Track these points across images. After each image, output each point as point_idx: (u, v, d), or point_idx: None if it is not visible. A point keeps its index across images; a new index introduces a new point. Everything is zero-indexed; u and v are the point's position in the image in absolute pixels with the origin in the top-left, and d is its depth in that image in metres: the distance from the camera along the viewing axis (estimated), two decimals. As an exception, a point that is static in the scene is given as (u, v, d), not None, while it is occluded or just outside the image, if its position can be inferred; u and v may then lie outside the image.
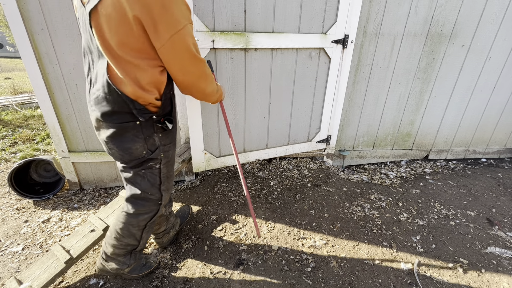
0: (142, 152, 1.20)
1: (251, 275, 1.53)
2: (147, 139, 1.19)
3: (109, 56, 1.02)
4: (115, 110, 1.09)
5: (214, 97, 1.36)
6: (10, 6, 1.76)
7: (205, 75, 1.19)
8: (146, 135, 1.18)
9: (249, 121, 2.30)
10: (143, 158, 1.22)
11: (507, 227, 1.96)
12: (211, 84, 1.26)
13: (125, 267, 1.45)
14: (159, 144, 1.24)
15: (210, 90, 1.28)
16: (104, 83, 1.07)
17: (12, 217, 2.12)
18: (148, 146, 1.20)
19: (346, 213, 2.03)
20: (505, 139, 3.02)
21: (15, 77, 8.13)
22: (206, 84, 1.22)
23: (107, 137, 1.16)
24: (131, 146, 1.17)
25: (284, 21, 2.03)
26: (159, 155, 1.26)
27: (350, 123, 2.66)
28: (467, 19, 2.35)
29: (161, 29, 0.96)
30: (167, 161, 1.31)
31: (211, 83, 1.27)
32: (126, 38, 0.97)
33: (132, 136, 1.15)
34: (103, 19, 0.96)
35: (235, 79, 2.10)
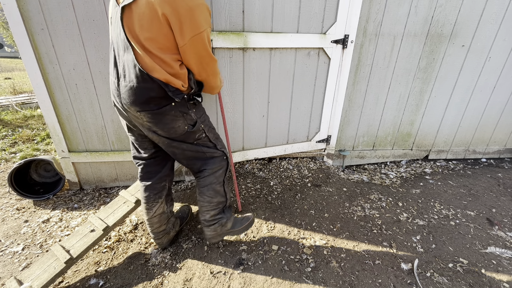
0: (185, 128, 1.37)
1: (251, 275, 1.53)
2: (185, 116, 1.35)
3: (138, 47, 1.16)
4: (151, 96, 1.22)
5: (217, 90, 1.55)
6: (10, 6, 1.76)
7: (216, 73, 1.39)
8: (183, 113, 1.34)
9: (248, 119, 2.30)
10: (188, 133, 1.39)
11: (507, 227, 1.96)
12: (218, 80, 1.46)
13: (225, 221, 1.61)
14: (196, 118, 1.40)
15: (217, 85, 1.48)
16: (137, 72, 1.18)
17: (12, 217, 2.12)
18: (187, 121, 1.37)
19: (346, 213, 2.03)
20: (505, 139, 3.02)
21: (15, 77, 8.13)
22: (215, 80, 1.42)
23: (149, 122, 1.29)
24: (173, 125, 1.33)
25: (283, 21, 2.04)
26: (200, 126, 1.43)
27: (350, 123, 2.66)
28: (467, 19, 2.35)
29: (185, 29, 1.11)
30: (208, 128, 1.51)
31: (218, 79, 1.45)
32: (156, 34, 1.12)
33: (171, 117, 1.30)
34: (136, 16, 1.11)
35: (234, 78, 2.10)
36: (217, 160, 1.55)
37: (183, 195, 2.23)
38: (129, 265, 1.63)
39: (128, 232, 1.90)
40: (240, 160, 2.45)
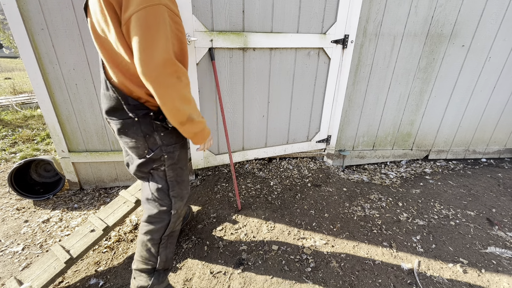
0: (144, 151, 1.14)
1: (251, 275, 1.53)
2: (147, 138, 1.12)
3: (99, 48, 1.03)
4: (114, 106, 1.08)
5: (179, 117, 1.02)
6: (10, 6, 1.77)
7: (174, 76, 0.95)
8: (146, 133, 1.11)
9: (248, 119, 2.30)
10: (147, 160, 1.15)
11: (507, 227, 1.96)
12: (184, 99, 1.00)
13: (148, 284, 1.28)
14: (160, 143, 1.14)
15: (175, 106, 0.98)
16: (103, 78, 1.08)
17: (12, 217, 2.12)
18: (148, 144, 1.13)
19: (346, 213, 2.03)
20: (505, 139, 3.02)
21: (15, 77, 8.13)
22: (174, 92, 0.97)
23: (117, 133, 1.14)
24: (134, 143, 1.13)
25: (283, 21, 2.04)
26: (161, 155, 1.15)
27: (350, 123, 2.66)
28: (467, 19, 2.35)
29: (131, 3, 0.89)
30: (172, 163, 1.19)
31: (185, 99, 1.01)
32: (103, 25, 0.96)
33: (133, 134, 1.11)
34: (93, 15, 1.00)
35: (234, 78, 2.10)
36: (158, 212, 1.23)
37: (183, 195, 2.23)
38: (129, 265, 1.63)
39: (128, 232, 1.90)
40: (240, 160, 2.45)
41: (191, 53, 1.87)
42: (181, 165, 1.24)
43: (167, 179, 1.21)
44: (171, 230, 1.30)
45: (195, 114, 1.06)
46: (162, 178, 1.20)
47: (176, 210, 1.26)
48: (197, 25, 1.82)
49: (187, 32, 1.80)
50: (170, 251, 1.34)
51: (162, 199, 1.22)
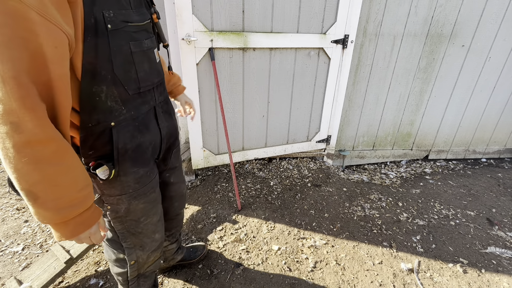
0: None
1: (251, 275, 1.53)
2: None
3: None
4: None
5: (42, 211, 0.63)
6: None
7: (5, 122, 0.54)
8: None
9: (248, 119, 2.30)
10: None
11: (507, 227, 1.96)
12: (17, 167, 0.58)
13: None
14: (100, 192, 0.88)
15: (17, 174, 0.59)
16: None
17: (12, 217, 2.12)
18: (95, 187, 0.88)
19: (346, 213, 2.03)
20: (505, 139, 3.02)
21: (15, 77, 8.12)
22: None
23: None
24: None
25: (283, 21, 2.04)
26: (101, 205, 0.90)
27: (350, 123, 2.66)
28: (467, 19, 2.35)
29: None
30: (117, 217, 0.92)
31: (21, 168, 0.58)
32: None
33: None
34: None
35: (234, 78, 2.10)
36: (118, 258, 1.04)
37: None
38: (129, 265, 1.63)
39: (128, 232, 1.90)
40: (240, 160, 2.45)
41: (191, 53, 1.87)
42: (134, 217, 0.95)
43: (115, 231, 0.97)
44: (136, 274, 1.09)
45: (44, 193, 0.62)
46: (111, 228, 0.98)
47: (135, 260, 1.04)
48: (197, 25, 1.82)
49: (187, 32, 1.80)
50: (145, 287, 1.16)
51: (115, 248, 1.02)
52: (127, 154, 0.85)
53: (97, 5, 0.68)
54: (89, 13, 0.66)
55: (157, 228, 1.06)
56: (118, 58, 0.76)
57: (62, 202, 0.65)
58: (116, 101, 0.79)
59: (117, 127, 0.80)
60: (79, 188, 0.68)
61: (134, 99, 0.84)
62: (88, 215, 0.72)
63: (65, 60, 0.62)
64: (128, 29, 0.77)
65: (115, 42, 0.74)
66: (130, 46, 0.78)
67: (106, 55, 0.72)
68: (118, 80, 0.77)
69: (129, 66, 0.79)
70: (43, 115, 0.58)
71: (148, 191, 0.96)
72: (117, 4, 0.74)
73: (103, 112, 0.77)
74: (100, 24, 0.69)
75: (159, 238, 1.09)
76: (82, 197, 0.69)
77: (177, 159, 1.20)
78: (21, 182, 0.60)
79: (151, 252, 1.07)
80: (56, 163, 0.62)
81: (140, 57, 0.83)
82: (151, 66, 0.89)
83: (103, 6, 0.69)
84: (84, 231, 0.72)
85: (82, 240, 0.75)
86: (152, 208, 1.01)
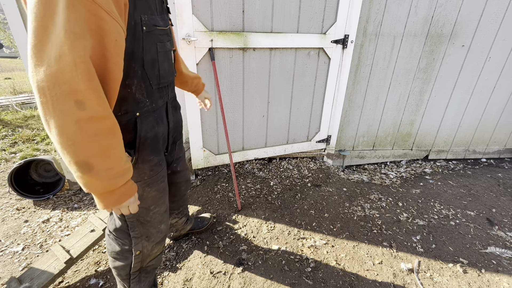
0: None
1: (251, 275, 1.53)
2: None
3: None
4: None
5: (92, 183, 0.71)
6: (10, 6, 1.76)
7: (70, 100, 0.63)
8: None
9: (248, 119, 2.30)
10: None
11: (507, 227, 1.96)
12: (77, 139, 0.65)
13: None
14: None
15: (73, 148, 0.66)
16: None
17: (12, 217, 2.12)
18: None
19: (346, 213, 2.03)
20: (505, 139, 3.02)
21: (15, 77, 8.13)
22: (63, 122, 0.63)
23: None
24: None
25: (283, 21, 2.04)
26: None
27: (350, 123, 2.66)
28: (467, 19, 2.35)
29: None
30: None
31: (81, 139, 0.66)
32: None
33: None
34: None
35: (234, 78, 2.10)
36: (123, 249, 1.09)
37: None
38: (129, 265, 1.63)
39: (128, 232, 1.90)
40: (240, 160, 2.45)
41: (191, 53, 1.87)
42: (145, 204, 1.03)
43: (125, 219, 1.03)
44: (139, 267, 1.13)
45: (99, 163, 0.70)
46: (119, 218, 1.04)
47: (140, 250, 1.08)
48: (197, 25, 1.82)
49: (187, 32, 1.80)
50: (145, 285, 1.19)
51: (122, 238, 1.07)
52: (147, 143, 0.94)
53: (137, 9, 0.80)
54: (131, 16, 0.78)
55: (163, 219, 1.13)
56: (148, 56, 0.87)
57: (112, 173, 0.73)
58: (143, 94, 0.90)
59: (141, 117, 0.91)
60: (124, 161, 0.77)
61: (155, 93, 0.95)
62: (130, 185, 0.81)
63: (121, 51, 0.73)
64: (156, 32, 0.89)
65: (147, 43, 0.86)
66: (157, 46, 0.90)
67: (140, 53, 0.84)
68: (146, 75, 0.89)
69: (154, 64, 0.91)
70: (103, 96, 0.69)
71: (159, 179, 1.05)
72: (149, 10, 0.86)
73: (131, 103, 0.87)
74: (138, 26, 0.81)
75: (164, 229, 1.15)
76: (127, 169, 0.78)
77: (181, 150, 1.35)
78: (79, 155, 0.67)
79: (156, 244, 1.13)
80: (110, 137, 0.72)
81: (162, 57, 0.95)
82: (169, 65, 1.01)
83: (141, 11, 0.81)
84: (126, 200, 0.80)
85: (122, 210, 0.84)
86: (161, 197, 1.09)
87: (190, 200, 2.15)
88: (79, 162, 0.67)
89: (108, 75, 0.71)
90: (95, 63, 0.67)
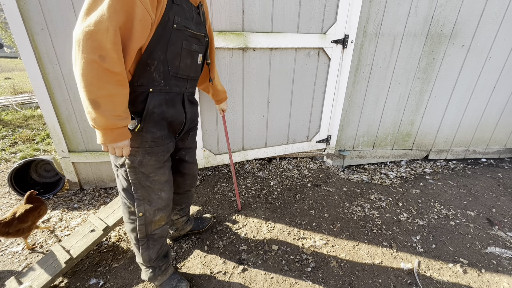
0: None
1: (251, 275, 1.53)
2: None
3: None
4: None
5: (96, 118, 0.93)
6: (10, 6, 1.76)
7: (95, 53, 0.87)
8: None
9: (248, 119, 2.30)
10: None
11: (507, 227, 1.96)
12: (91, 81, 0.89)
13: (146, 278, 1.36)
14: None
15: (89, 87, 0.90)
16: None
17: (12, 217, 2.12)
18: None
19: (346, 213, 2.03)
20: (505, 139, 3.02)
21: (15, 77, 8.13)
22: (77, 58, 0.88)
23: None
24: None
25: (283, 21, 2.04)
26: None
27: (350, 123, 2.66)
28: (467, 19, 2.35)
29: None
30: (132, 166, 1.14)
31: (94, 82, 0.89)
32: None
33: None
34: None
35: (234, 78, 2.10)
36: (129, 211, 1.23)
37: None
38: (129, 265, 1.63)
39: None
40: (240, 160, 2.45)
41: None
42: (145, 170, 1.16)
43: (129, 179, 1.17)
44: (146, 233, 1.26)
45: (106, 105, 0.91)
46: (125, 178, 1.18)
47: (142, 213, 1.21)
48: (197, 25, 1.82)
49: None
50: (153, 252, 1.31)
51: (128, 198, 1.21)
52: (153, 116, 1.11)
53: (173, 11, 1.04)
54: (167, 13, 1.02)
55: (164, 188, 1.25)
56: (172, 47, 1.08)
57: (115, 114, 0.94)
58: (159, 75, 1.09)
59: (153, 93, 1.09)
60: (124, 109, 0.97)
61: (171, 79, 1.13)
62: (126, 130, 1.01)
63: (144, 30, 0.96)
64: (185, 32, 1.11)
65: (174, 37, 1.08)
66: (182, 43, 1.12)
67: (165, 42, 1.06)
68: (166, 61, 1.09)
69: (176, 56, 1.12)
70: (122, 58, 0.93)
71: (159, 151, 1.18)
72: (184, 15, 1.10)
73: (148, 78, 1.07)
74: (170, 23, 1.04)
75: (165, 198, 1.27)
76: (126, 115, 0.99)
77: (193, 141, 1.49)
78: (92, 94, 0.89)
79: (157, 210, 1.25)
80: (118, 88, 0.93)
81: (186, 53, 1.15)
82: (192, 63, 1.22)
83: (176, 13, 1.06)
84: (121, 141, 1.00)
85: (117, 149, 1.02)
86: (161, 168, 1.21)
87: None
88: (91, 99, 0.89)
89: (129, 45, 0.95)
90: (122, 33, 0.92)
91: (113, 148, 1.02)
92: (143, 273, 1.38)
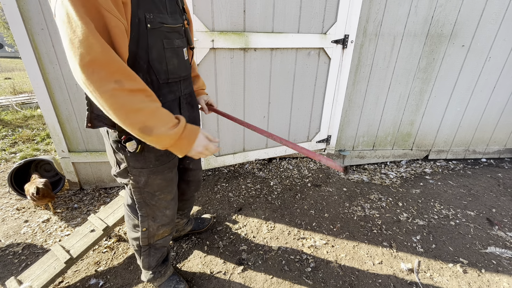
0: (114, 164, 1.08)
1: (251, 275, 1.53)
2: (115, 152, 1.03)
3: None
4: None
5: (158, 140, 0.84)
6: (10, 6, 1.76)
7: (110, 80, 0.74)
8: (115, 147, 1.01)
9: (249, 120, 2.30)
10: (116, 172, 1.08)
11: (507, 227, 1.96)
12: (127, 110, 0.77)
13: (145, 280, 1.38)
14: (126, 164, 1.03)
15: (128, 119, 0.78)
16: None
17: (12, 217, 2.12)
18: (117, 160, 1.05)
19: (346, 213, 2.03)
20: (505, 139, 3.02)
21: (15, 77, 8.13)
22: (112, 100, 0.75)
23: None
24: (108, 152, 1.08)
25: (284, 21, 2.04)
26: (125, 175, 1.07)
27: (350, 123, 2.66)
28: (467, 19, 2.35)
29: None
30: (137, 187, 1.08)
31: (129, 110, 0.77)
32: None
33: (107, 141, 1.05)
34: None
35: (235, 79, 2.10)
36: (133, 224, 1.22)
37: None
38: (129, 265, 1.63)
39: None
40: (241, 161, 2.45)
41: (191, 53, 1.87)
42: (151, 190, 1.10)
43: (133, 197, 1.13)
44: (148, 243, 1.25)
45: (155, 124, 0.81)
46: (130, 196, 1.15)
47: (146, 228, 1.19)
48: (198, 25, 1.82)
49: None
50: (154, 259, 1.32)
51: (132, 213, 1.19)
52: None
53: (141, 8, 0.85)
54: (135, 14, 0.84)
55: (169, 206, 1.21)
56: (154, 51, 0.92)
57: (170, 126, 0.83)
58: (150, 87, 0.92)
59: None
60: (170, 115, 0.86)
61: (163, 87, 1.00)
62: (190, 128, 0.90)
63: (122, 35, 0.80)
64: (163, 29, 0.94)
65: (152, 39, 0.91)
66: (163, 43, 0.95)
67: (144, 48, 0.90)
68: (152, 70, 0.94)
69: (161, 59, 0.96)
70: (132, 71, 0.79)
71: (165, 169, 1.10)
72: (156, 9, 0.90)
73: None
74: (142, 24, 0.87)
75: (170, 215, 1.23)
76: (176, 118, 0.87)
77: None
78: (137, 122, 0.78)
79: (161, 226, 1.22)
80: (153, 102, 0.82)
81: (170, 53, 0.99)
82: (179, 61, 1.05)
83: (146, 9, 0.87)
84: (194, 140, 0.90)
85: (202, 147, 0.93)
86: (167, 186, 1.15)
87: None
88: (141, 128, 0.79)
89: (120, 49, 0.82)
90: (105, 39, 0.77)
91: (199, 150, 0.93)
92: (143, 275, 1.39)
